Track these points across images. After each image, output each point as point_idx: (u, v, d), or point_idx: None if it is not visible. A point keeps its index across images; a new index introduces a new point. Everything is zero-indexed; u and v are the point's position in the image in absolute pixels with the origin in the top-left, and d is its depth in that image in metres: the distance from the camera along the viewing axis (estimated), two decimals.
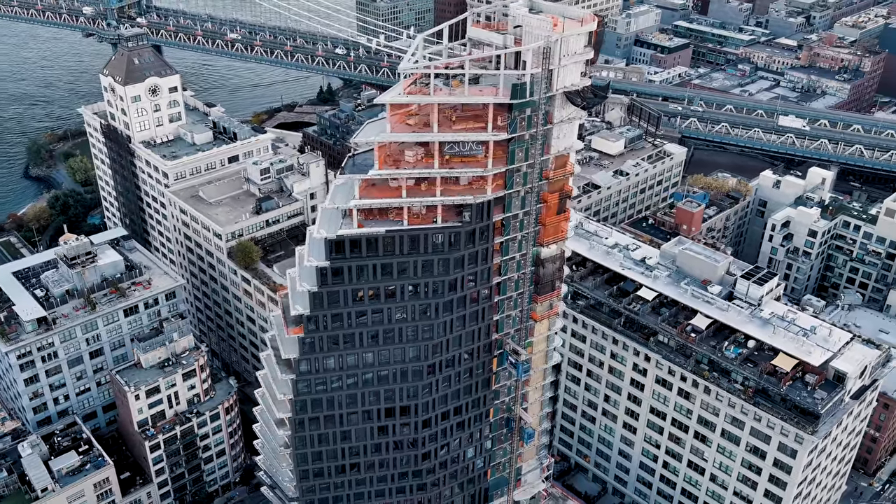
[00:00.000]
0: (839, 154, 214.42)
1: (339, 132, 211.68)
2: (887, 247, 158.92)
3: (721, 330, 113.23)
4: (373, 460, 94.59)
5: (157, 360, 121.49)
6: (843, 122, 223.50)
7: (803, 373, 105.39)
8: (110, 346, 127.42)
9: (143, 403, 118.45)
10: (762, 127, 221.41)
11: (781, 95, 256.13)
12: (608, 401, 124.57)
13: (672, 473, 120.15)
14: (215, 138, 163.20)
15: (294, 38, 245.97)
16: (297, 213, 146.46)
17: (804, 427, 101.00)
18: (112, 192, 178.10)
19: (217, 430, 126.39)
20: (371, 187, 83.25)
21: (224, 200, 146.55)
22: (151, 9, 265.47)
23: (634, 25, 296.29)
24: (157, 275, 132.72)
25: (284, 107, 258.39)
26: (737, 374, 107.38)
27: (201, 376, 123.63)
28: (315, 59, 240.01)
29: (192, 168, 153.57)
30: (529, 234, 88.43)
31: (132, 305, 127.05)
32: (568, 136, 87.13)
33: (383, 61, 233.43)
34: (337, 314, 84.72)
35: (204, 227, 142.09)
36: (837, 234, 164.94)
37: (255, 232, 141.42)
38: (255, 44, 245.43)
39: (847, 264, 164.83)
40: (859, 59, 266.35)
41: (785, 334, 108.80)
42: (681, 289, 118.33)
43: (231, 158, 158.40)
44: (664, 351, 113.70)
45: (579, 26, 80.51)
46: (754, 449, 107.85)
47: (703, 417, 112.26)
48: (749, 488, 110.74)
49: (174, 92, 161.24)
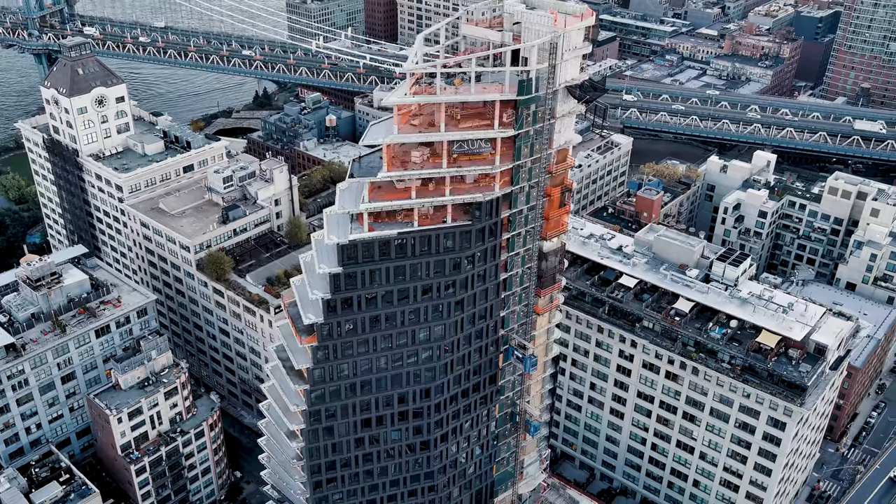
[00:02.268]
0: (771, 137, 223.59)
1: (285, 136, 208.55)
2: (832, 223, 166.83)
3: (703, 312, 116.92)
4: (386, 465, 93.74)
5: (136, 380, 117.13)
6: (773, 107, 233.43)
7: (786, 348, 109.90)
8: (82, 369, 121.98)
9: (125, 426, 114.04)
10: (714, 116, 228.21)
11: (710, 83, 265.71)
12: (594, 388, 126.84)
13: (661, 455, 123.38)
14: (167, 148, 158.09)
15: (229, 43, 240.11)
16: (264, 221, 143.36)
17: (793, 400, 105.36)
18: (56, 208, 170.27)
19: (202, 447, 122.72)
20: (377, 190, 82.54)
21: (187, 211, 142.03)
22: (75, 17, 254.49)
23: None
24: (125, 292, 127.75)
25: (221, 113, 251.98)
26: (723, 353, 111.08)
27: (183, 394, 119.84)
28: (253, 63, 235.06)
29: (146, 180, 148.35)
30: (534, 228, 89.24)
31: (104, 325, 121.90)
32: (567, 131, 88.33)
33: (324, 63, 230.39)
34: (350, 320, 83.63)
35: (169, 239, 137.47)
36: (784, 214, 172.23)
37: (223, 242, 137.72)
38: (189, 49, 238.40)
39: (795, 242, 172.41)
40: (778, 46, 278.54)
41: (765, 312, 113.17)
42: (660, 274, 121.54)
43: (186, 168, 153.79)
44: (650, 336, 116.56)
45: (579, 20, 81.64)
46: (743, 424, 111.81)
47: (692, 398, 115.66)
48: (739, 463, 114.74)
49: (121, 102, 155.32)
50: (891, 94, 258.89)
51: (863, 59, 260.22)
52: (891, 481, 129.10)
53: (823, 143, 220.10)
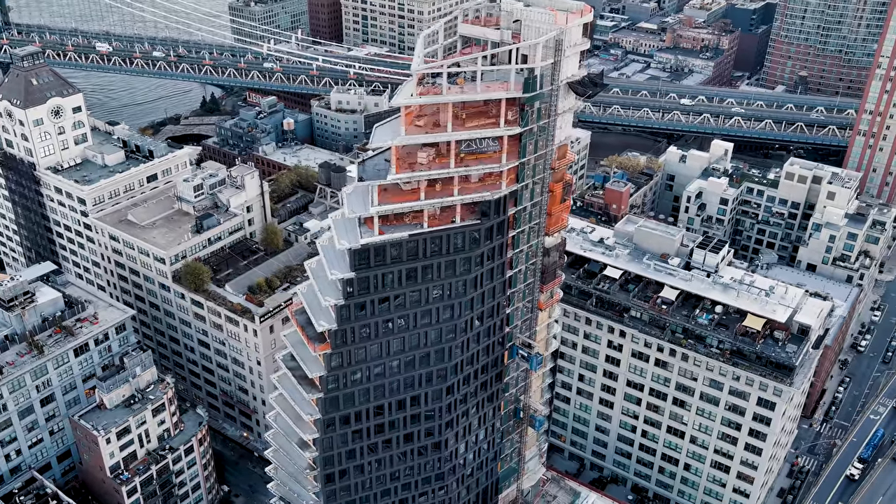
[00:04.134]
0: (720, 127, 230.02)
1: (242, 141, 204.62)
2: (790, 207, 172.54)
3: (688, 299, 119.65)
4: (398, 469, 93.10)
5: (121, 398, 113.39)
6: (719, 97, 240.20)
7: (771, 330, 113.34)
8: (62, 390, 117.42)
9: (114, 447, 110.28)
10: (665, 108, 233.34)
11: (655, 76, 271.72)
12: (583, 380, 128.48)
13: (651, 441, 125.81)
14: (127, 158, 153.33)
15: (176, 48, 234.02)
16: (238, 228, 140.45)
17: (782, 380, 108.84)
18: (10, 225, 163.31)
19: (191, 463, 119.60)
20: (384, 192, 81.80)
21: (157, 222, 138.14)
22: (10, 25, 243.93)
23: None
24: (101, 308, 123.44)
25: (169, 120, 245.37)
26: (712, 338, 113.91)
27: (170, 410, 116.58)
28: (202, 68, 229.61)
29: (110, 191, 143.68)
30: (538, 224, 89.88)
31: (82, 344, 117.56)
32: (567, 126, 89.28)
33: (276, 66, 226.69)
34: (364, 325, 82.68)
35: (142, 252, 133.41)
36: (743, 200, 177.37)
37: (199, 252, 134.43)
38: (134, 56, 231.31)
39: (755, 227, 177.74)
40: (717, 38, 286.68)
41: (748, 296, 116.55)
42: (644, 264, 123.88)
43: (150, 177, 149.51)
44: (639, 325, 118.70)
45: (579, 17, 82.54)
46: (733, 407, 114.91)
47: (681, 384, 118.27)
48: (730, 444, 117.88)
49: (78, 112, 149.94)
50: (826, 82, 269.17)
51: (799, 49, 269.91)
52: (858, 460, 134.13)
53: (770, 130, 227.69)
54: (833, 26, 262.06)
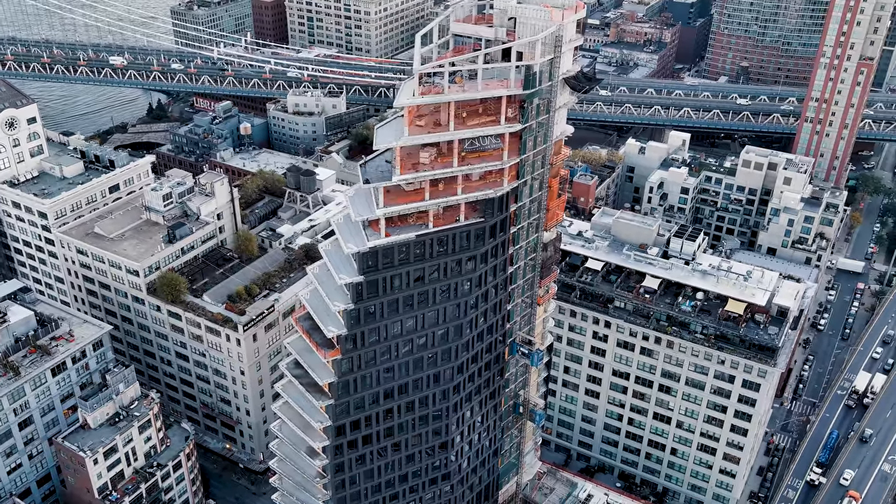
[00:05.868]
0: (671, 118, 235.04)
1: (199, 148, 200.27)
2: (747, 194, 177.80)
3: (669, 287, 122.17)
4: (406, 472, 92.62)
5: (105, 416, 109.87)
6: (667, 90, 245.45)
7: (752, 313, 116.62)
8: (40, 412, 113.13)
9: (101, 467, 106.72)
10: (616, 101, 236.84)
11: (602, 70, 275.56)
12: (568, 372, 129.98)
13: (638, 428, 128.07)
14: (87, 169, 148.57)
15: (122, 54, 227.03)
16: (210, 237, 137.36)
17: (766, 361, 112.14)
18: None
19: (180, 479, 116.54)
20: (388, 194, 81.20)
21: (126, 234, 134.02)
22: None
23: (454, 17, 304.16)
24: (76, 325, 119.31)
25: (116, 128, 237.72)
26: (695, 324, 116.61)
27: (156, 426, 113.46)
28: (151, 73, 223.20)
29: (72, 204, 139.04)
30: (538, 220, 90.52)
31: (59, 363, 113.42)
32: (562, 122, 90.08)
33: (227, 70, 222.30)
34: (374, 329, 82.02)
35: (113, 265, 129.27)
36: (702, 189, 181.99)
37: (172, 262, 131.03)
38: (79, 64, 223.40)
39: (714, 214, 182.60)
40: (660, 31, 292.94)
41: (727, 281, 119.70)
42: (624, 255, 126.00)
43: (112, 188, 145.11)
44: (624, 315, 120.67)
45: (573, 13, 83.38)
46: (719, 390, 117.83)
47: (667, 370, 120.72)
48: (716, 427, 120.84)
49: (33, 123, 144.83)
50: (766, 71, 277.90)
51: (739, 40, 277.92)
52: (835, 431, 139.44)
53: (717, 120, 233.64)
54: (770, 18, 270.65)
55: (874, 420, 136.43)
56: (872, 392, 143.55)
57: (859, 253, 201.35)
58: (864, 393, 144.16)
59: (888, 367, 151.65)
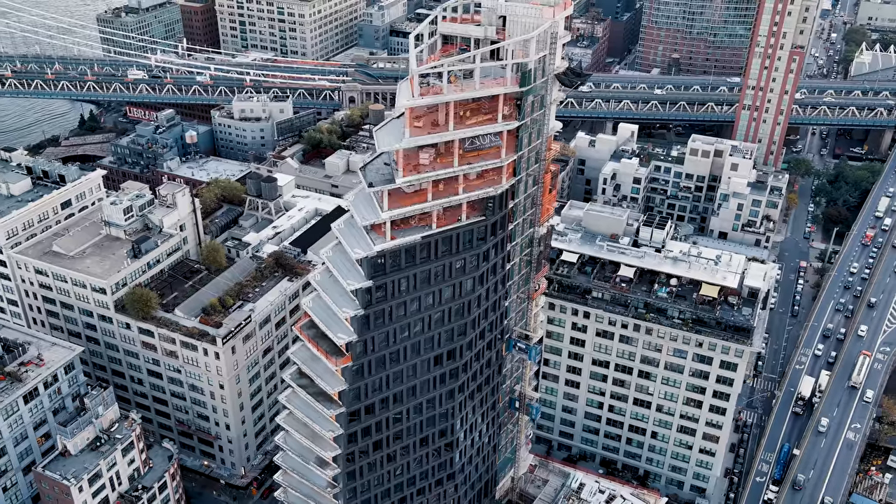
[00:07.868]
0: (611, 111, 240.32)
1: (143, 158, 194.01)
2: (695, 181, 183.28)
3: (644, 275, 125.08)
4: (414, 474, 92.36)
5: (85, 442, 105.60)
6: (605, 83, 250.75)
7: (725, 296, 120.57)
8: (13, 441, 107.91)
9: (86, 494, 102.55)
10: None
11: None
12: (548, 364, 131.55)
13: (618, 414, 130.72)
14: (35, 185, 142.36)
15: (53, 65, 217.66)
16: (175, 249, 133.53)
17: (742, 341, 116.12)
18: None
19: (166, 501, 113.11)
20: (390, 196, 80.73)
21: (87, 251, 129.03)
22: None
23: (387, 17, 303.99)
24: (44, 348, 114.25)
25: (48, 142, 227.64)
26: (672, 310, 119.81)
27: (139, 447, 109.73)
28: (85, 84, 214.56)
29: (24, 223, 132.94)
30: (533, 215, 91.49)
31: (31, 389, 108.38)
32: (552, 118, 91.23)
33: (166, 78, 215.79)
34: (383, 333, 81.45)
35: (77, 284, 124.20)
36: (652, 178, 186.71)
37: (139, 278, 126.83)
38: (6, 76, 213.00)
39: (665, 202, 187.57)
40: (592, 26, 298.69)
41: (698, 266, 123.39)
42: (597, 246, 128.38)
43: (64, 204, 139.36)
44: (602, 305, 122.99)
45: (562, 10, 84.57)
46: (697, 372, 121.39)
47: (646, 356, 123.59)
48: (695, 408, 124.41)
49: None
50: (696, 62, 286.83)
51: (668, 33, 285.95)
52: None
53: (656, 111, 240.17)
54: (697, 11, 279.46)
55: None
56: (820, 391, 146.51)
57: (798, 232, 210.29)
58: None
59: None
